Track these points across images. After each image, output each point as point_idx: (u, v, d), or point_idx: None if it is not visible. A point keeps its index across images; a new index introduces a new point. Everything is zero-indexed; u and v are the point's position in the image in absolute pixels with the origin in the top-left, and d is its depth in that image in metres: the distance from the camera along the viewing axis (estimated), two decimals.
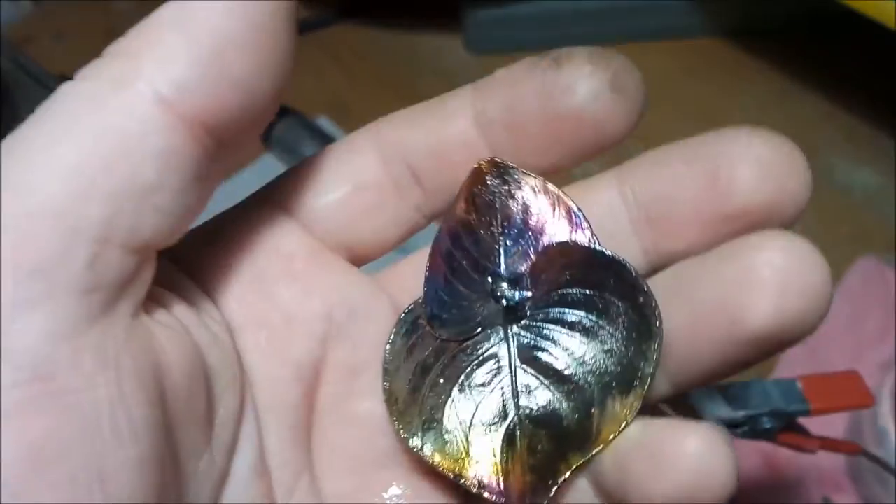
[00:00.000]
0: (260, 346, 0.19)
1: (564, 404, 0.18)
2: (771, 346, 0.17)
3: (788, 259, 0.16)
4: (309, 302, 0.19)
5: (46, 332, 0.14)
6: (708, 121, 0.56)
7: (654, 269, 0.19)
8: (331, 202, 0.20)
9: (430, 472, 0.19)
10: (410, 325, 0.20)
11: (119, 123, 0.15)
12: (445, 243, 0.20)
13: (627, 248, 0.19)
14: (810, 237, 0.17)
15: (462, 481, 0.18)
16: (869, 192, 0.52)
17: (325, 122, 0.55)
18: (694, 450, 0.16)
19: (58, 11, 0.63)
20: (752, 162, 0.17)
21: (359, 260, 0.21)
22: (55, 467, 0.14)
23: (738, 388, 0.30)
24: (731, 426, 0.29)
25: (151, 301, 0.17)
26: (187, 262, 0.19)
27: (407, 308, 0.20)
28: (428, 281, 0.20)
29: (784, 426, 0.30)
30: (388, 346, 0.20)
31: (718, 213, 0.18)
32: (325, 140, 0.52)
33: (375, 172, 0.20)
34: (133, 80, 0.15)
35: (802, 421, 0.31)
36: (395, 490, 0.20)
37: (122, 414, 0.15)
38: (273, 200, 0.20)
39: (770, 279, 0.16)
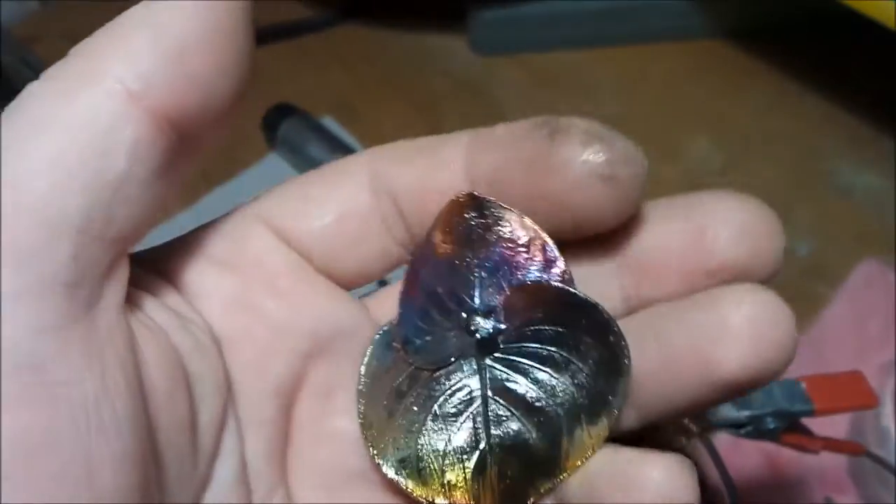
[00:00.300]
0: (241, 360, 0.19)
1: (534, 434, 0.19)
2: (738, 391, 0.18)
3: (759, 311, 0.17)
4: (294, 319, 0.20)
5: (35, 324, 0.14)
6: (710, 123, 0.57)
7: (630, 312, 0.19)
8: (316, 227, 0.20)
9: (401, 492, 0.20)
10: (385, 348, 0.20)
11: (91, 117, 0.15)
12: (421, 270, 0.20)
13: (607, 288, 0.19)
14: (813, 240, 0.17)
15: None
16: (871, 195, 0.52)
17: (330, 123, 0.55)
18: (658, 477, 0.17)
19: (64, 11, 0.63)
20: (735, 223, 0.18)
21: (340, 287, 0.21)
22: (47, 460, 0.14)
23: None
24: (735, 426, 0.29)
25: (132, 303, 0.17)
26: (171, 272, 0.19)
27: (381, 329, 0.20)
28: (403, 304, 0.20)
29: (787, 426, 0.30)
30: (362, 368, 0.20)
31: (701, 268, 0.18)
32: (330, 140, 0.52)
33: (364, 203, 0.20)
34: (102, 76, 0.15)
35: (806, 421, 0.31)
36: None
37: (107, 408, 0.15)
38: (259, 216, 0.20)
39: (742, 330, 0.17)
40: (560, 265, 0.19)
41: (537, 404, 0.19)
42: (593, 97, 0.57)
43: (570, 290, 0.19)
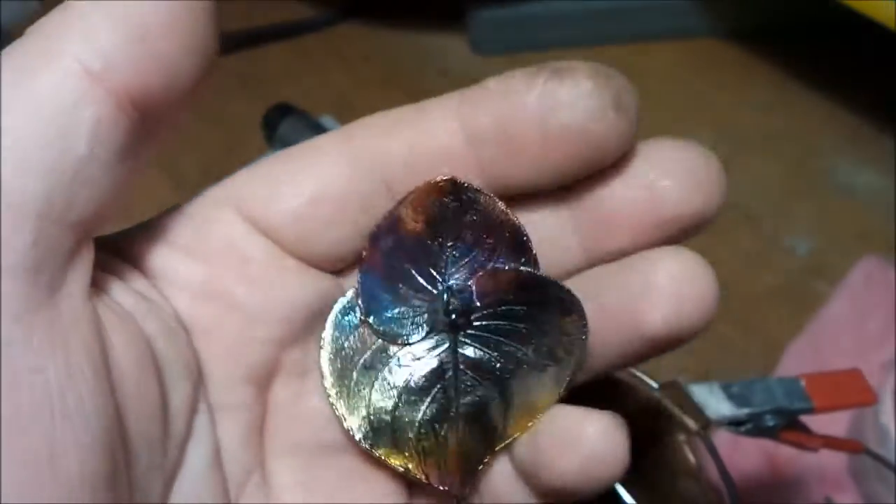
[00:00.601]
0: (213, 349, 0.19)
1: (497, 401, 0.20)
2: (664, 346, 0.19)
3: (681, 270, 0.19)
4: (266, 307, 0.19)
5: None
6: (710, 121, 0.57)
7: (591, 264, 0.20)
8: (288, 210, 0.19)
9: (377, 462, 0.20)
10: (344, 318, 0.20)
11: (50, 97, 0.15)
12: (387, 243, 0.20)
13: (568, 243, 0.20)
14: (813, 238, 0.18)
15: (410, 475, 0.20)
16: (871, 193, 0.52)
17: (329, 122, 0.55)
18: (594, 433, 0.18)
19: None
20: (682, 174, 0.19)
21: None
22: (9, 446, 0.14)
23: (742, 386, 0.30)
24: (735, 424, 0.29)
25: (98, 287, 0.17)
26: (138, 258, 0.19)
27: (342, 304, 0.20)
28: (364, 276, 0.20)
29: (787, 424, 0.30)
30: (322, 341, 0.20)
31: (653, 220, 0.19)
32: None
33: (340, 183, 0.19)
34: (61, 55, 0.15)
35: (805, 419, 0.31)
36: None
37: (72, 395, 0.15)
38: (228, 201, 0.19)
39: (665, 288, 0.19)
40: (530, 248, 0.20)
41: (501, 373, 0.20)
42: None
43: (541, 275, 0.20)
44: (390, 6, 0.63)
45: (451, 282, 0.20)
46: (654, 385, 0.29)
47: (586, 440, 0.18)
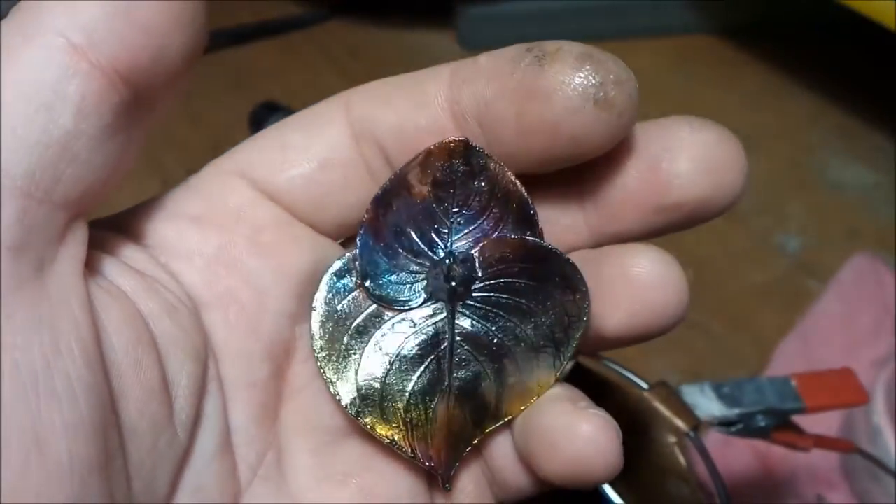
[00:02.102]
0: (228, 322, 0.19)
1: (491, 378, 0.19)
2: (622, 344, 0.19)
3: (647, 269, 0.18)
4: (280, 277, 0.19)
5: None
6: (699, 118, 0.56)
7: (599, 245, 0.20)
8: (297, 176, 0.19)
9: (390, 451, 0.20)
10: (339, 280, 0.20)
11: (34, 72, 0.15)
12: (390, 205, 0.19)
13: (575, 225, 0.20)
14: (804, 235, 0.17)
15: (396, 447, 0.19)
16: (862, 190, 0.52)
17: None
18: (583, 433, 0.18)
19: None
20: (692, 157, 0.18)
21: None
22: None
23: (733, 386, 0.30)
24: (726, 424, 0.29)
25: (93, 268, 0.16)
26: (144, 234, 0.18)
27: (337, 266, 0.20)
28: (363, 237, 0.19)
29: (778, 424, 0.30)
30: (315, 302, 0.20)
31: (655, 205, 0.18)
32: None
33: (346, 149, 0.19)
34: (45, 30, 0.15)
35: (797, 419, 0.31)
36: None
37: (59, 375, 0.14)
38: (237, 171, 0.19)
39: (624, 289, 0.18)
40: (536, 222, 0.19)
41: (498, 350, 0.19)
42: None
43: (547, 245, 0.19)
44: (378, 3, 0.62)
45: (454, 248, 0.19)
46: (644, 385, 0.28)
47: (576, 440, 0.18)
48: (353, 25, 0.62)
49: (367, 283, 0.19)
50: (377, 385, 0.19)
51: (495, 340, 0.19)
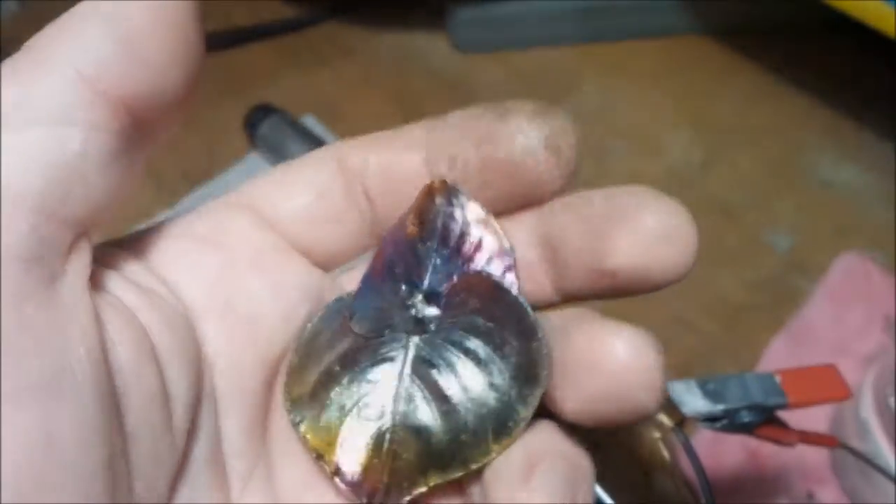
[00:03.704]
0: (224, 333, 0.20)
1: (438, 423, 0.19)
2: (587, 425, 0.18)
3: (624, 352, 0.17)
4: (277, 297, 0.20)
5: None
6: (690, 118, 0.57)
7: (565, 300, 0.20)
8: (296, 206, 0.21)
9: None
10: (334, 315, 0.21)
11: (48, 100, 0.16)
12: (388, 248, 0.21)
13: (539, 282, 0.20)
14: (793, 234, 0.17)
15: (322, 464, 0.20)
16: (852, 188, 0.52)
17: (311, 121, 0.55)
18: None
19: (44, 12, 0.63)
20: (634, 231, 0.18)
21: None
22: (8, 427, 0.14)
23: (718, 382, 0.30)
24: (711, 420, 0.29)
25: (98, 283, 0.18)
26: (149, 252, 0.20)
27: (337, 297, 0.21)
28: (365, 279, 0.21)
29: (763, 420, 0.30)
30: (308, 326, 0.21)
31: (596, 269, 0.19)
32: (311, 139, 0.52)
33: (338, 186, 0.21)
34: (56, 62, 0.16)
35: (784, 415, 0.31)
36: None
37: (69, 379, 0.15)
38: (239, 203, 0.21)
39: (588, 373, 0.18)
40: (508, 260, 0.20)
41: (449, 393, 0.19)
42: (574, 94, 0.57)
43: (505, 286, 0.19)
44: (372, 5, 0.62)
45: (425, 285, 0.20)
46: None
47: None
48: (347, 28, 0.62)
49: (352, 316, 0.21)
50: (323, 399, 0.20)
51: (449, 384, 0.19)
